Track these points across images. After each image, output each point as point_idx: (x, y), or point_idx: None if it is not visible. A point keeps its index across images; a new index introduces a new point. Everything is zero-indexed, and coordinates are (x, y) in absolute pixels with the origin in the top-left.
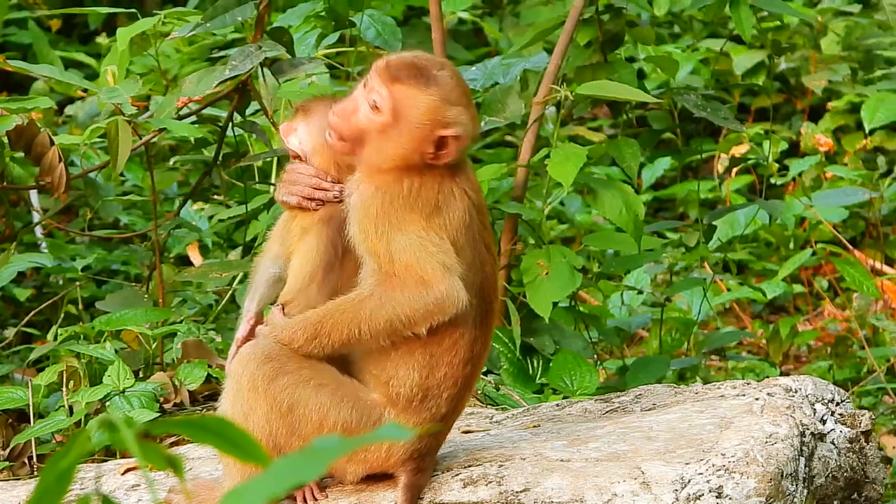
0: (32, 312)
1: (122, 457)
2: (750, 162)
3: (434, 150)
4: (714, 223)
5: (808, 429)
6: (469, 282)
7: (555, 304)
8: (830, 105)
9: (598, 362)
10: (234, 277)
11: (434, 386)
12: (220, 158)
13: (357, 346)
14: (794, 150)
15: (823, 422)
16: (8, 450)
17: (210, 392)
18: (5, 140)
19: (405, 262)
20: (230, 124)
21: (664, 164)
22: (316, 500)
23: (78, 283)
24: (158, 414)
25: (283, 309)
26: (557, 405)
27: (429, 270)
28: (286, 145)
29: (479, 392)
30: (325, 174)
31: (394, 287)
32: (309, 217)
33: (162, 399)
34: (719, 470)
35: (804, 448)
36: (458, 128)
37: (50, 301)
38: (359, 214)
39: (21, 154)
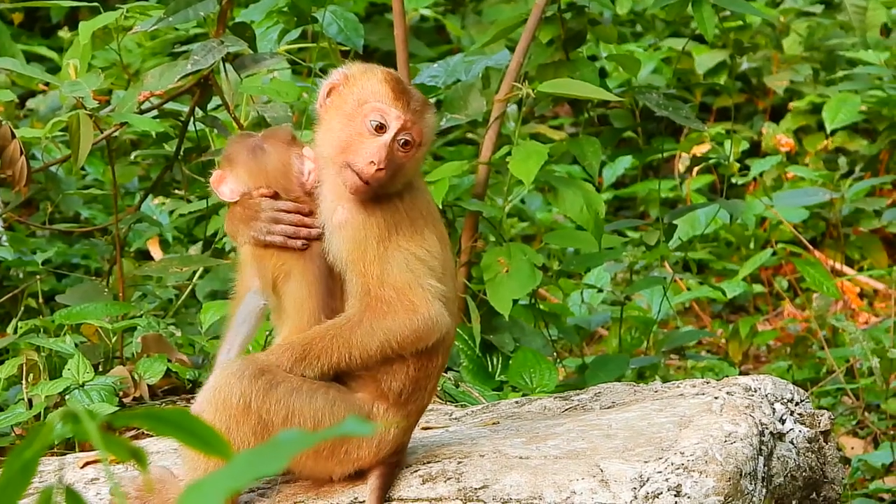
0: None
1: (82, 450)
2: (711, 161)
3: None
4: (674, 222)
5: (767, 428)
6: (453, 272)
7: (515, 301)
8: (792, 105)
9: (558, 360)
10: (194, 272)
11: (423, 378)
12: (182, 153)
13: (346, 369)
14: (755, 149)
15: (783, 421)
16: None
17: (170, 386)
18: None
19: (394, 285)
20: (192, 119)
21: (625, 162)
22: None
23: (38, 277)
24: (118, 408)
25: None
26: (517, 402)
27: (418, 294)
28: (219, 196)
29: (439, 389)
30: (303, 207)
31: (383, 313)
32: (288, 255)
33: (121, 393)
34: (678, 468)
35: (763, 447)
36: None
37: (10, 294)
38: (353, 232)
39: None
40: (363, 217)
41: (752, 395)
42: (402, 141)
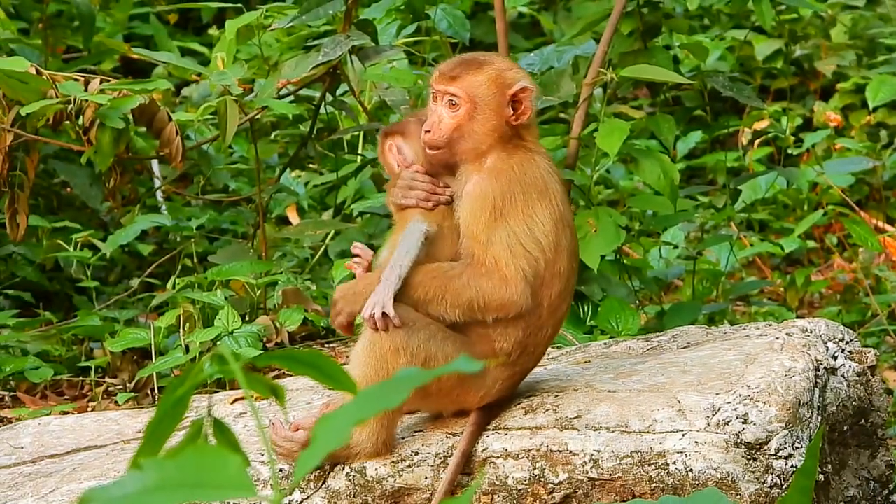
0: (154, 265)
1: (232, 388)
2: (770, 135)
3: (513, 112)
4: (739, 188)
5: (821, 364)
6: (571, 250)
7: (602, 257)
8: (839, 86)
9: (640, 307)
10: (326, 234)
11: (532, 344)
12: (315, 132)
13: (432, 310)
14: (807, 125)
15: (835, 358)
16: (133, 383)
17: (307, 333)
18: (131, 117)
19: (496, 255)
20: (323, 103)
21: (696, 137)
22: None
23: (193, 240)
24: (262, 352)
25: None
26: (605, 344)
27: (512, 271)
28: (387, 162)
29: None
30: (437, 181)
31: (481, 274)
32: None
33: (265, 339)
34: (745, 399)
35: (818, 380)
36: (521, 82)
37: (169, 255)
38: (473, 202)
39: (144, 129)
40: (483, 189)
41: (808, 336)
42: (447, 101)
